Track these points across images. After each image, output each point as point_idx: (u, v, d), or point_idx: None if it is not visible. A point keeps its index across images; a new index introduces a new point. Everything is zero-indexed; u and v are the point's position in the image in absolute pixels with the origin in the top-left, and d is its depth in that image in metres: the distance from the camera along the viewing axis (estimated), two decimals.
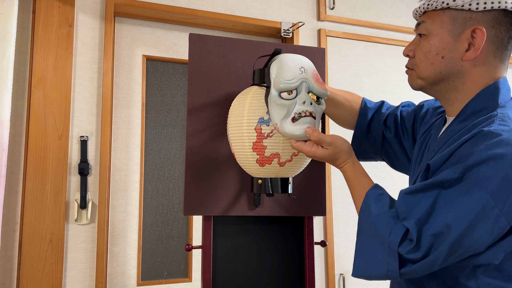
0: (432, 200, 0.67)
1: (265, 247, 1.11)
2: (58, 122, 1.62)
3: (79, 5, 1.73)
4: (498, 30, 0.77)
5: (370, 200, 0.77)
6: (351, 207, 2.08)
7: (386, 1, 2.30)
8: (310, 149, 0.85)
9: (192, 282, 1.86)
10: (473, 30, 0.76)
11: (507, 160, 0.63)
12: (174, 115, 1.93)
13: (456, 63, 0.79)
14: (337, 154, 0.85)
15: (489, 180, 0.63)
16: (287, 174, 0.94)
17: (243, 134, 0.90)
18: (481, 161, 0.64)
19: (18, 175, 1.58)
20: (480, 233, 0.63)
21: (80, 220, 1.64)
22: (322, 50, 1.18)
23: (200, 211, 1.04)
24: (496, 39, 0.77)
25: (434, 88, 0.84)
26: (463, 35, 0.77)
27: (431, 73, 0.81)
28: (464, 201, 0.64)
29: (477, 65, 0.78)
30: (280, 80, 0.84)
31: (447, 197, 0.66)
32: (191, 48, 1.07)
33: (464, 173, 0.65)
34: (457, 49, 0.78)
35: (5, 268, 1.53)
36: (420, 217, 0.67)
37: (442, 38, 0.79)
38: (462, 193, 0.65)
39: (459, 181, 0.65)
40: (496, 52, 0.78)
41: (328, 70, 2.11)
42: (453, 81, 0.81)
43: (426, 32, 0.82)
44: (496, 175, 0.63)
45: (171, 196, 1.88)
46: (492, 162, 0.64)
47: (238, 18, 1.96)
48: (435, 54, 0.80)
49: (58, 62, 1.65)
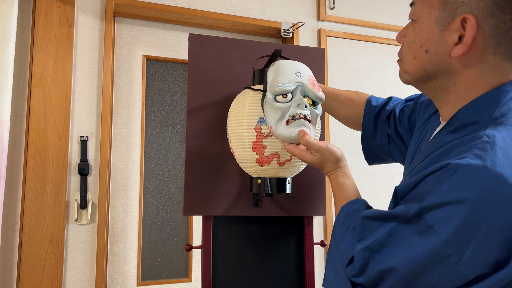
0: (388, 231, 0.61)
1: (265, 247, 1.11)
2: (58, 122, 1.62)
3: (79, 5, 1.73)
4: (499, 19, 0.59)
5: (340, 216, 0.74)
6: None
7: (386, 1, 2.30)
8: (299, 152, 0.85)
9: (192, 282, 1.86)
10: (463, 19, 0.60)
11: (468, 207, 0.53)
12: (174, 115, 1.93)
13: (442, 59, 0.64)
14: (324, 162, 0.83)
15: (445, 227, 0.54)
16: (286, 174, 0.94)
17: (242, 134, 0.91)
18: (438, 204, 0.55)
19: (18, 175, 1.58)
20: (437, 277, 0.57)
21: (80, 220, 1.64)
22: (322, 50, 1.18)
23: (200, 211, 1.04)
24: (497, 31, 0.60)
25: (423, 86, 0.71)
26: (452, 25, 0.62)
27: (414, 68, 0.68)
28: (419, 243, 0.57)
29: (470, 64, 0.63)
30: (276, 84, 0.85)
31: (404, 233, 0.59)
32: (191, 48, 1.07)
33: (419, 214, 0.57)
34: (444, 42, 0.63)
35: (5, 268, 1.53)
36: (372, 247, 0.62)
37: (428, 27, 0.65)
38: (417, 233, 0.57)
39: (414, 220, 0.58)
40: (497, 48, 0.61)
41: (328, 70, 2.11)
42: (442, 80, 0.66)
43: (414, 17, 0.68)
44: (453, 223, 0.54)
45: (171, 196, 1.88)
46: (450, 207, 0.54)
47: (238, 18, 1.96)
48: (419, 47, 0.66)
49: (58, 62, 1.65)
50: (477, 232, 0.53)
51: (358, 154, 2.13)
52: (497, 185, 0.53)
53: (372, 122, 1.00)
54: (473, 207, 0.53)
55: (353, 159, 2.11)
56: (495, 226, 0.52)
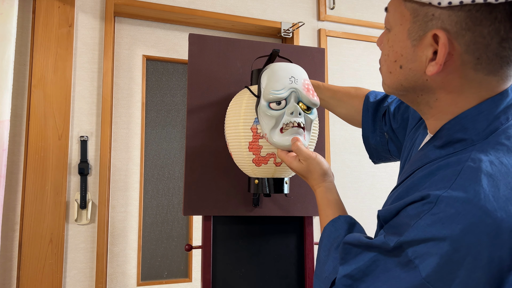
0: (370, 260, 0.58)
1: (265, 247, 1.11)
2: (58, 122, 1.62)
3: (79, 5, 1.73)
4: (476, 34, 0.52)
5: (323, 236, 0.73)
6: (350, 207, 2.08)
7: (386, 1, 2.30)
8: (288, 158, 0.85)
9: (192, 282, 1.86)
10: (434, 35, 0.54)
11: (449, 245, 0.49)
12: (174, 115, 1.93)
13: (418, 77, 0.58)
14: (309, 172, 0.82)
15: (425, 263, 0.51)
16: (283, 174, 0.95)
17: (239, 134, 0.91)
18: (417, 240, 0.52)
19: (18, 175, 1.58)
20: None
21: (80, 220, 1.64)
22: (322, 50, 1.18)
23: (200, 211, 1.04)
24: (475, 47, 0.53)
25: (404, 98, 0.65)
26: (425, 40, 0.55)
27: (391, 83, 0.63)
28: (401, 276, 0.53)
29: (449, 81, 0.56)
30: (269, 91, 0.85)
31: (386, 264, 0.56)
32: (191, 48, 1.07)
33: (398, 247, 0.54)
34: (418, 58, 0.57)
35: (5, 268, 1.53)
36: (353, 275, 0.59)
37: (400, 40, 0.59)
38: (399, 265, 0.54)
39: (395, 252, 0.54)
40: (477, 64, 0.54)
41: (328, 70, 2.11)
42: (422, 96, 0.61)
43: (388, 25, 0.62)
44: (434, 260, 0.50)
45: (171, 196, 1.88)
46: (430, 243, 0.50)
47: (238, 18, 1.96)
48: (393, 61, 0.61)
49: (58, 62, 1.65)
50: (460, 270, 0.49)
51: (358, 154, 2.13)
52: (480, 221, 0.48)
53: (370, 119, 0.96)
54: (454, 244, 0.49)
55: (353, 159, 2.11)
56: (479, 265, 0.48)
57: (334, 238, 0.70)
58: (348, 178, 2.09)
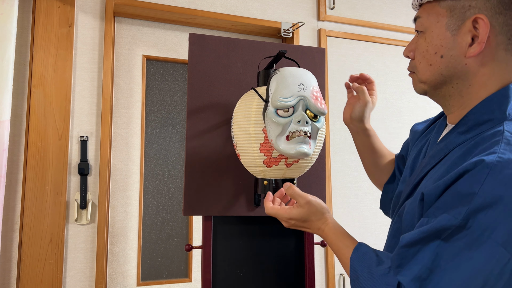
0: (432, 253, 0.56)
1: (265, 247, 1.11)
2: (58, 122, 1.62)
3: (79, 5, 1.73)
4: (507, 16, 0.64)
5: (355, 265, 0.68)
6: (351, 207, 2.08)
7: (386, 1, 2.30)
8: (284, 210, 0.80)
9: (192, 282, 1.86)
10: (474, 20, 0.65)
11: None
12: (174, 115, 1.93)
13: (459, 62, 0.67)
14: (312, 214, 0.78)
15: (499, 228, 0.52)
16: (293, 175, 0.95)
17: (250, 135, 0.90)
18: (487, 205, 0.53)
19: (18, 175, 1.58)
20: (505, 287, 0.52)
21: (80, 220, 1.64)
22: (322, 50, 1.18)
23: (200, 211, 1.04)
24: (507, 28, 0.65)
25: (438, 93, 0.73)
26: (464, 28, 0.66)
27: (431, 75, 0.71)
28: (473, 256, 0.52)
29: (485, 63, 0.66)
30: (277, 98, 0.84)
31: (451, 250, 0.55)
32: (191, 48, 1.07)
33: (467, 219, 0.53)
34: (458, 45, 0.67)
35: (5, 268, 1.53)
36: (420, 275, 0.57)
37: (439, 34, 0.69)
38: (468, 246, 0.53)
39: (462, 229, 0.54)
40: (508, 44, 0.65)
41: (328, 70, 2.11)
42: (457, 84, 0.69)
43: (422, 28, 0.72)
44: (506, 221, 0.52)
45: (171, 196, 1.88)
46: (500, 206, 0.52)
47: (238, 18, 1.95)
48: (433, 53, 0.69)
49: (58, 62, 1.65)
50: None
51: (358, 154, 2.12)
52: None
53: None
54: None
55: (353, 159, 2.11)
56: None
57: (369, 259, 0.68)
58: (348, 178, 2.09)
